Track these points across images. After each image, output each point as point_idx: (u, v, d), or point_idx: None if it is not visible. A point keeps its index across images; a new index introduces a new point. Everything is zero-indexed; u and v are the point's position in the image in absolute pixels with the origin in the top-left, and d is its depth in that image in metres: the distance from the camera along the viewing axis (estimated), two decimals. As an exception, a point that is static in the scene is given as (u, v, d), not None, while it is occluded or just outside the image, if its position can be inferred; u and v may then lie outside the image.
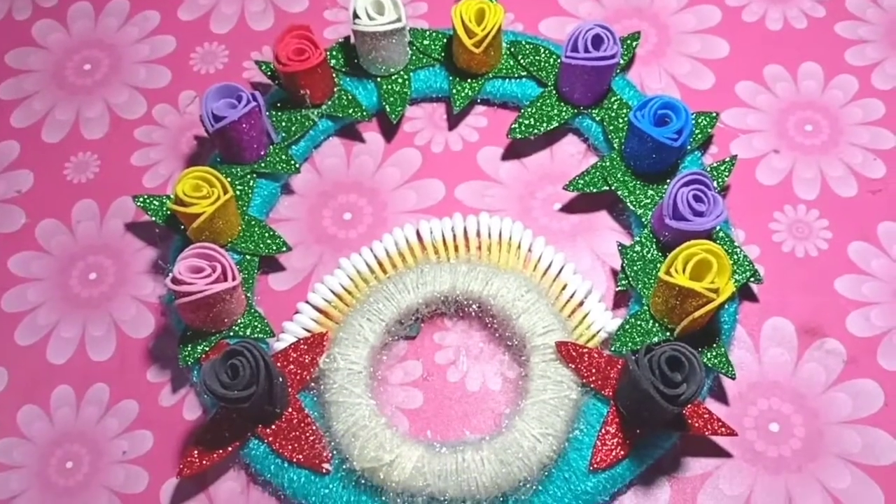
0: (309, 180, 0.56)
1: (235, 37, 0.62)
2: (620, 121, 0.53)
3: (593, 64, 0.51)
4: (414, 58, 0.56)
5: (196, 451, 0.45)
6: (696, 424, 0.44)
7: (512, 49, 0.56)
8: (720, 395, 0.48)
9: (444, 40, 0.57)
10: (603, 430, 0.44)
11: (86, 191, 0.57)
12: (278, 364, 0.46)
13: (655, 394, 0.40)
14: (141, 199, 0.52)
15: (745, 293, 0.51)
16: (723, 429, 0.44)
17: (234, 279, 0.46)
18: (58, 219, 0.56)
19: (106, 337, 0.52)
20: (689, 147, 0.52)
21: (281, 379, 0.45)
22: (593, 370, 0.45)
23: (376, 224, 0.54)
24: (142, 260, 0.54)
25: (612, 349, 0.46)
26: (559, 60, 0.54)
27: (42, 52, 0.63)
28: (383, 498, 0.44)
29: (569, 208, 0.54)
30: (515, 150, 0.56)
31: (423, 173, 0.56)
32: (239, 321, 0.49)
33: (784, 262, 0.52)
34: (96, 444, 0.49)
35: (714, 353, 0.46)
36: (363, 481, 0.45)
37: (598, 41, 0.51)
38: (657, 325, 0.47)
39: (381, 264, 0.51)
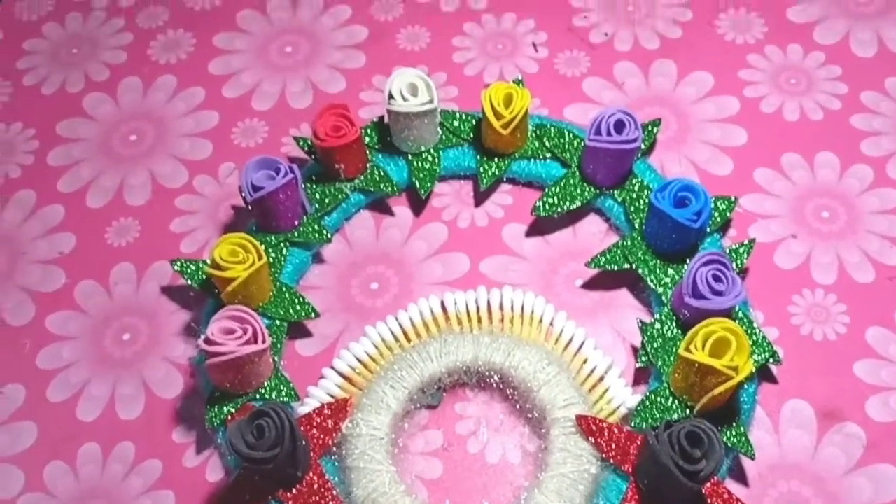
0: (339, 250, 0.58)
1: (275, 114, 0.65)
2: (641, 202, 0.55)
3: (616, 147, 0.53)
4: (444, 137, 0.59)
5: (217, 513, 0.46)
6: (716, 504, 0.44)
7: (538, 132, 0.58)
8: (740, 476, 0.48)
9: (474, 122, 0.59)
10: (622, 507, 0.44)
11: (125, 254, 0.59)
12: (301, 427, 0.47)
13: (675, 469, 0.40)
14: (178, 264, 0.54)
15: (764, 374, 0.51)
16: (742, 509, 0.44)
17: (263, 342, 0.47)
18: (96, 280, 0.58)
19: (135, 396, 0.53)
20: (708, 229, 0.54)
21: (304, 442, 0.46)
22: (613, 445, 0.46)
23: (402, 294, 0.56)
24: (175, 322, 0.56)
25: (632, 425, 0.47)
26: (583, 143, 0.56)
27: (92, 123, 0.67)
28: (401, 567, 0.44)
29: (590, 285, 0.56)
30: (539, 228, 0.58)
31: (449, 247, 0.58)
32: (265, 384, 0.50)
33: (803, 345, 0.52)
34: (120, 502, 0.50)
35: (734, 433, 0.46)
36: (381, 549, 0.45)
37: (620, 126, 0.53)
38: (677, 402, 0.47)
39: (405, 333, 0.52)
